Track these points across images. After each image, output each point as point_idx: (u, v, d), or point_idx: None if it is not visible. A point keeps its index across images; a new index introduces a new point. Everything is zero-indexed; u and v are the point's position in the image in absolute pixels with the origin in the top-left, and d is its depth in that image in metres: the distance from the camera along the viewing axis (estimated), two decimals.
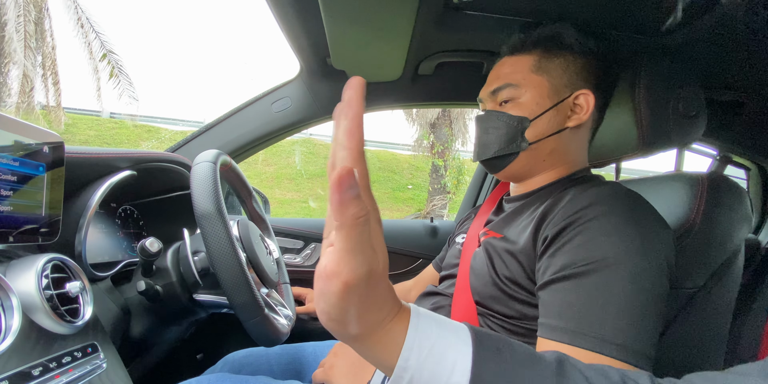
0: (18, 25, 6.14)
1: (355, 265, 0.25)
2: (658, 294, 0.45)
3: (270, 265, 0.71)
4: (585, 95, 0.61)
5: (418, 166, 8.65)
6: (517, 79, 0.62)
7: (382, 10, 0.66)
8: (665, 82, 0.64)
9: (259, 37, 37.62)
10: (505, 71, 0.64)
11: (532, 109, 0.61)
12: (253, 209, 0.86)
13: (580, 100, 0.62)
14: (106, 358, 0.50)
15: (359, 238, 0.25)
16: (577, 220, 0.49)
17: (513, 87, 0.62)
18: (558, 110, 0.62)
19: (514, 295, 0.55)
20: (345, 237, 0.25)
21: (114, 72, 6.81)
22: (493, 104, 0.65)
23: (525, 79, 0.62)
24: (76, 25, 6.66)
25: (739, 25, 0.65)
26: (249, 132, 1.03)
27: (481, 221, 0.71)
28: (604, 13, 0.70)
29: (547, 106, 0.61)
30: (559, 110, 0.62)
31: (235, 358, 0.79)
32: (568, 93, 0.62)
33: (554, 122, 0.62)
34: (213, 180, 0.57)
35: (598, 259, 0.46)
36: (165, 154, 0.78)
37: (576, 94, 0.62)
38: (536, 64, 0.62)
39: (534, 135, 0.62)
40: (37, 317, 0.45)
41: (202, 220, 0.54)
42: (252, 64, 25.73)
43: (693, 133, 0.66)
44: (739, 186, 0.66)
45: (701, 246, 0.62)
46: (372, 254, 0.26)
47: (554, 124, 0.62)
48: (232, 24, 39.46)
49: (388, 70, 0.94)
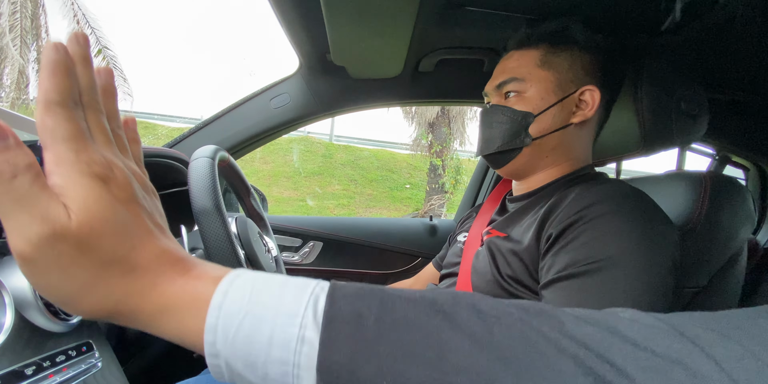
0: (15, 21, 6.09)
1: (21, 231, 0.19)
2: (664, 292, 0.45)
3: (268, 262, 0.71)
4: (591, 91, 0.61)
5: (416, 166, 8.64)
6: (522, 73, 0.62)
7: (383, 5, 0.65)
8: (667, 80, 0.64)
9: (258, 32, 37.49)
10: (511, 65, 0.64)
11: (536, 103, 0.61)
12: (251, 206, 0.85)
13: (585, 95, 0.61)
14: (101, 357, 0.49)
15: (11, 195, 0.19)
16: (581, 218, 0.49)
17: (518, 81, 0.62)
18: (563, 106, 0.61)
19: (517, 294, 0.54)
20: None
21: (108, 67, 6.75)
22: (498, 98, 0.65)
23: (530, 74, 0.61)
24: (72, 21, 6.60)
25: (737, 24, 0.65)
26: (247, 128, 1.02)
27: (483, 220, 0.71)
28: (605, 12, 0.70)
29: (552, 102, 0.61)
30: (564, 106, 0.61)
31: None
32: (574, 88, 0.61)
33: (559, 118, 0.61)
34: (211, 176, 0.56)
35: (602, 258, 0.45)
36: (162, 150, 0.77)
37: (582, 89, 0.61)
38: (542, 58, 0.62)
39: (538, 130, 0.61)
40: (30, 315, 0.44)
41: (200, 216, 0.53)
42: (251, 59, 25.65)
43: (695, 132, 0.65)
44: (741, 185, 0.66)
45: (704, 245, 0.61)
46: (48, 208, 0.19)
47: (559, 119, 0.61)
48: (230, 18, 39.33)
49: (389, 67, 0.93)
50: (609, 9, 0.69)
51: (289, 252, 1.13)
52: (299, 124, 1.06)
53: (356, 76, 0.98)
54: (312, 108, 1.03)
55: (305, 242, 1.14)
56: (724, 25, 0.65)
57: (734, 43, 0.70)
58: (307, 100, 1.02)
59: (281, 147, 8.64)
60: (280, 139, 6.88)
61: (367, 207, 7.83)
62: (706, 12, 0.64)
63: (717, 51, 0.74)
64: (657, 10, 0.68)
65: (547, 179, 0.64)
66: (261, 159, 8.26)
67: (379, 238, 1.17)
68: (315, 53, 0.90)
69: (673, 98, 0.63)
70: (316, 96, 1.01)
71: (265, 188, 7.73)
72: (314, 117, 1.04)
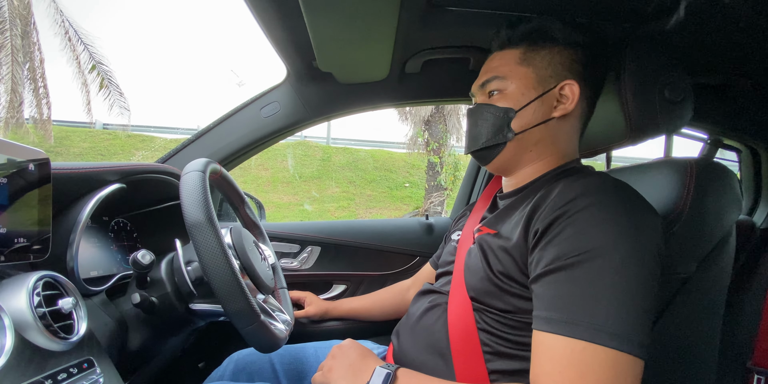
0: (5, 40, 6.09)
1: None
2: (649, 282, 0.46)
3: (265, 270, 0.71)
4: (570, 85, 0.62)
5: (414, 164, 8.64)
6: (503, 71, 0.64)
7: (364, 10, 0.66)
8: (650, 69, 0.65)
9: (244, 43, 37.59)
10: (494, 65, 0.66)
11: (517, 99, 0.63)
12: (246, 216, 0.85)
13: (565, 90, 0.62)
14: (102, 372, 0.50)
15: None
16: (566, 212, 0.49)
17: (500, 79, 0.64)
18: (543, 101, 0.62)
19: (509, 290, 0.55)
20: None
21: (104, 83, 6.77)
22: (483, 97, 0.67)
23: (511, 71, 0.64)
24: (64, 38, 6.61)
25: (721, 8, 0.66)
26: (239, 139, 1.03)
27: (476, 218, 0.72)
28: (586, 2, 0.70)
29: (533, 97, 0.62)
30: (544, 101, 0.62)
31: (240, 357, 0.80)
32: (554, 84, 0.62)
33: (540, 112, 0.63)
34: (202, 189, 0.57)
35: (588, 250, 0.46)
36: (154, 165, 0.78)
37: (561, 84, 0.62)
38: (522, 56, 0.64)
39: (520, 125, 0.63)
40: (30, 335, 0.44)
41: (192, 229, 0.54)
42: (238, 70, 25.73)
43: (681, 118, 0.66)
44: (727, 169, 0.66)
45: (692, 231, 0.62)
46: None
47: (540, 114, 0.63)
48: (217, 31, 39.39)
49: (375, 70, 0.94)
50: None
51: (287, 258, 1.14)
52: (290, 131, 1.06)
53: (344, 81, 0.99)
54: (302, 115, 1.03)
55: (303, 248, 1.15)
56: (708, 10, 0.66)
57: (719, 27, 0.71)
58: (296, 107, 1.02)
59: (279, 153, 8.65)
60: (278, 145, 6.89)
61: (368, 208, 7.84)
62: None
63: (701, 35, 0.74)
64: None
65: (535, 174, 0.65)
66: (259, 165, 8.26)
67: (375, 240, 1.18)
68: (301, 61, 0.91)
69: (656, 86, 0.64)
70: (306, 103, 1.02)
71: (264, 194, 7.75)
72: (305, 124, 1.05)
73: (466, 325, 0.57)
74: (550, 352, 0.46)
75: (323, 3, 0.63)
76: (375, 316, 0.98)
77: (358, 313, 0.99)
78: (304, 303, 1.00)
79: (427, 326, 0.63)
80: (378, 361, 0.58)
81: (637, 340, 0.43)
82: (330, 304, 0.99)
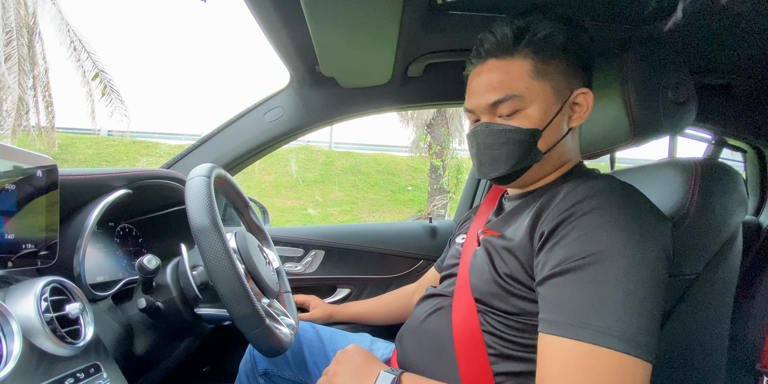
0: (12, 50, 6.18)
1: None
2: (656, 285, 0.45)
3: (270, 275, 0.71)
4: (584, 94, 0.60)
5: (417, 167, 8.65)
6: (519, 88, 0.57)
7: (366, 14, 0.66)
8: (653, 70, 0.64)
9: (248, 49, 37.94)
10: (499, 79, 0.58)
11: (541, 118, 0.58)
12: (250, 220, 0.86)
13: (579, 98, 0.60)
14: (109, 377, 0.50)
15: None
16: (572, 215, 0.49)
17: (517, 98, 0.57)
18: (562, 114, 0.60)
19: (514, 292, 0.55)
20: None
21: (106, 91, 6.85)
22: (490, 116, 0.60)
23: (528, 89, 0.57)
24: (69, 47, 6.70)
25: (719, 9, 0.66)
26: (243, 143, 1.03)
27: (480, 221, 0.71)
28: (588, 5, 0.70)
29: (554, 113, 0.59)
30: (563, 113, 0.60)
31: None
32: (568, 94, 0.60)
33: (561, 126, 0.60)
34: (207, 194, 0.57)
35: (594, 253, 0.46)
36: (159, 171, 0.79)
37: (576, 93, 0.60)
38: (534, 69, 0.57)
39: (546, 144, 0.59)
40: (37, 341, 0.45)
41: (198, 234, 0.54)
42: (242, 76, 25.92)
43: (684, 119, 0.66)
44: (732, 170, 0.66)
45: (698, 232, 0.62)
46: None
47: (561, 129, 0.60)
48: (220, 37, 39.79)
49: (378, 74, 0.94)
50: (593, 1, 0.69)
51: (291, 262, 1.14)
52: (294, 136, 1.07)
53: (347, 86, 1.00)
54: (305, 119, 1.04)
55: (307, 252, 1.15)
56: (709, 10, 0.66)
57: (720, 27, 0.71)
58: (299, 112, 1.03)
59: (282, 157, 8.68)
60: (281, 150, 6.91)
61: (371, 211, 7.83)
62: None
63: (703, 36, 0.74)
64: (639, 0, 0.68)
65: (546, 181, 0.64)
66: (263, 170, 8.30)
67: (379, 243, 1.18)
68: (304, 66, 0.91)
69: (659, 87, 0.64)
70: (309, 107, 1.03)
71: (268, 199, 7.77)
72: (308, 128, 1.06)
73: (471, 326, 0.57)
74: (556, 355, 0.45)
75: (326, 9, 0.63)
76: (379, 320, 0.98)
77: (363, 316, 0.99)
78: (308, 307, 1.00)
79: (431, 329, 0.63)
80: (382, 365, 0.57)
81: (644, 343, 0.43)
82: (334, 308, 0.99)
